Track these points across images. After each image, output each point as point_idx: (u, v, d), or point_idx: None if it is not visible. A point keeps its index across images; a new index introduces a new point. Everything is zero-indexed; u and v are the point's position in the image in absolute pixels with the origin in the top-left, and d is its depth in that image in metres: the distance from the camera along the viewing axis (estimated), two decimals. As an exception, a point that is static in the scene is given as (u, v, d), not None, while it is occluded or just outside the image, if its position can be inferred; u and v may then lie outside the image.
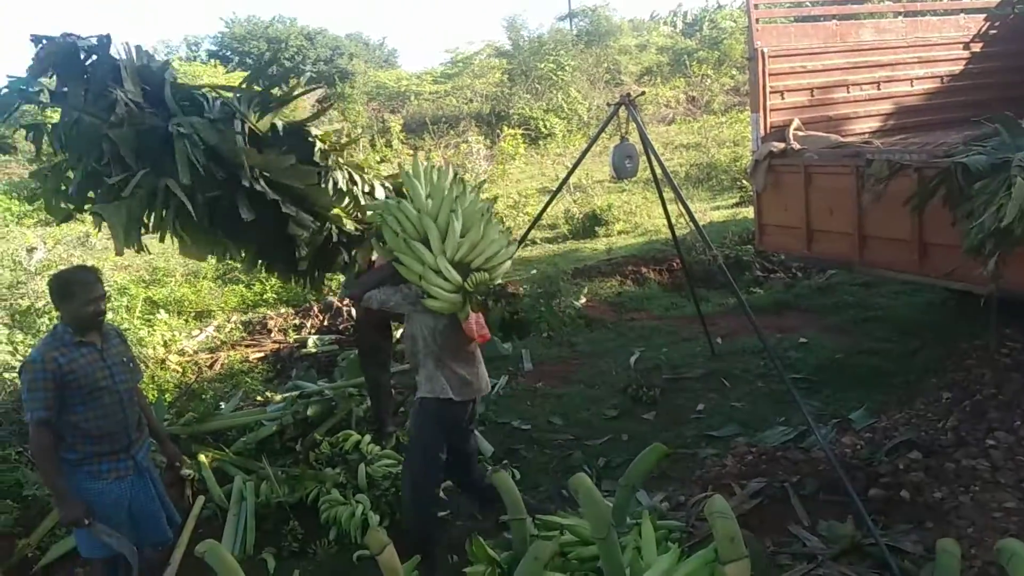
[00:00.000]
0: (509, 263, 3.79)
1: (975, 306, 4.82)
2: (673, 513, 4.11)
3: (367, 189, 4.57)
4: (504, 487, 3.30)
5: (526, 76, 23.52)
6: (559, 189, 6.31)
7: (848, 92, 7.37)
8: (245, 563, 3.99)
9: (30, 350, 3.36)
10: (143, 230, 3.92)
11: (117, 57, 3.88)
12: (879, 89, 7.49)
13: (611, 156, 6.09)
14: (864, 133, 7.34)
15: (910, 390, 5.55)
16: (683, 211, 5.50)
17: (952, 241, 4.71)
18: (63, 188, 4.02)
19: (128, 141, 3.63)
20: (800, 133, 6.74)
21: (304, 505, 4.62)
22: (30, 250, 8.41)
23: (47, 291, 3.50)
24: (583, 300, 8.55)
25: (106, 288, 7.14)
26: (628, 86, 22.53)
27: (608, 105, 6.22)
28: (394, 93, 26.17)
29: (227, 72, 25.49)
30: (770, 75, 6.81)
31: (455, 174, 3.78)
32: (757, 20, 6.76)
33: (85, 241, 12.19)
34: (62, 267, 5.49)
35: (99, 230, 4.15)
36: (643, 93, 6.80)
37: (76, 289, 3.32)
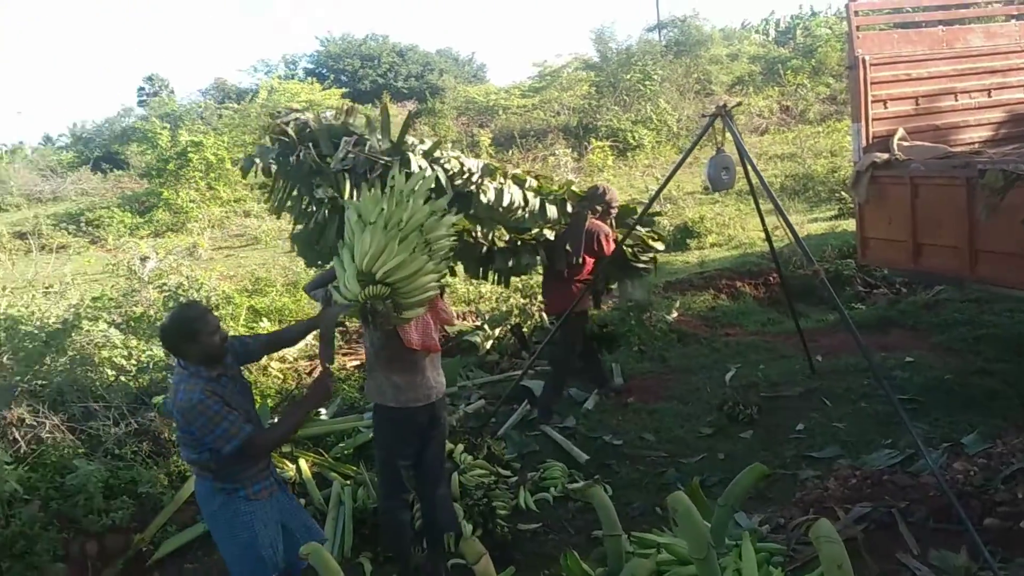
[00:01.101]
0: (428, 279, 3.65)
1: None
2: (773, 536, 4.00)
3: (522, 202, 5.34)
4: (599, 502, 3.28)
5: (614, 88, 23.42)
6: (652, 201, 6.24)
7: (956, 100, 7.05)
8: (343, 566, 4.10)
9: (178, 397, 3.24)
10: None
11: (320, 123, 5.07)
12: (990, 96, 7.14)
13: (706, 168, 5.98)
14: (974, 143, 7.01)
15: (1028, 414, 5.25)
16: (782, 223, 5.36)
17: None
18: (316, 245, 5.14)
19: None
20: (905, 143, 6.49)
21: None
22: (143, 259, 8.86)
23: (164, 340, 3.43)
24: (675, 314, 8.43)
25: (211, 295, 7.48)
26: (719, 96, 22.15)
27: (703, 116, 6.13)
28: (483, 107, 26.50)
29: (323, 89, 26.41)
30: (872, 84, 6.59)
31: (390, 188, 3.67)
32: (857, 27, 6.56)
33: (193, 251, 12.82)
34: (172, 308, 5.51)
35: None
36: (740, 103, 6.67)
37: (198, 326, 3.30)
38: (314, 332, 3.95)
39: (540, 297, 8.59)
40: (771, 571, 2.89)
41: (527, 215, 5.53)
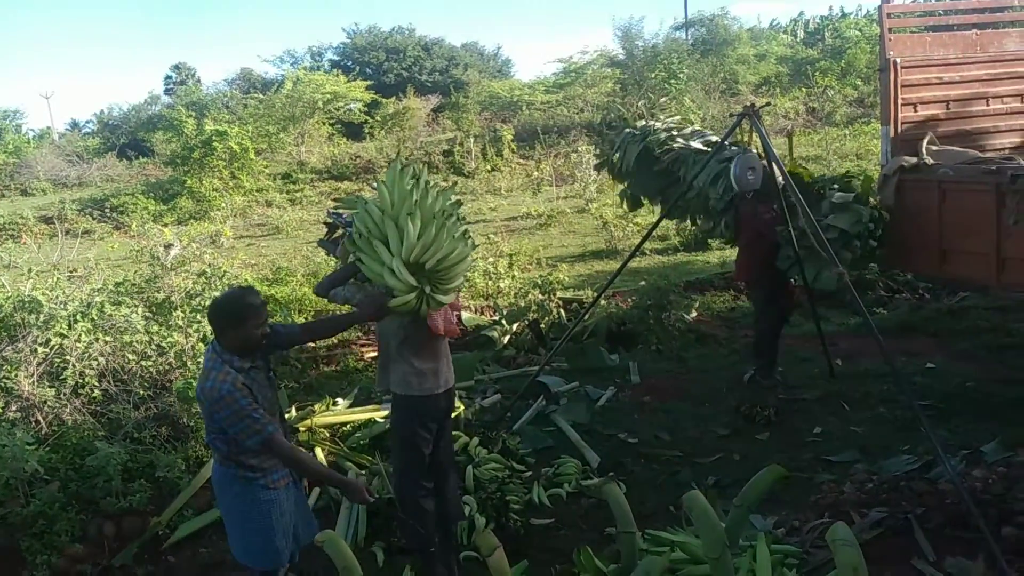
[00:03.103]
0: (466, 263, 3.79)
1: None
2: (787, 538, 3.98)
3: None
4: (614, 499, 3.27)
5: (639, 86, 23.34)
6: (675, 200, 6.22)
7: (988, 105, 6.96)
8: (356, 556, 4.12)
9: (207, 384, 3.23)
10: None
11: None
12: (1023, 102, 7.04)
13: (732, 167, 5.95)
14: (1004, 148, 6.91)
15: (1052, 425, 5.17)
16: (807, 225, 5.32)
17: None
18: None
19: None
20: (934, 147, 6.41)
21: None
22: (167, 247, 8.92)
23: (211, 315, 3.37)
24: (694, 314, 8.39)
25: (233, 283, 7.54)
26: (745, 96, 22.01)
27: (731, 116, 6.09)
28: (506, 103, 26.51)
29: (348, 81, 26.52)
30: (902, 86, 6.51)
31: (415, 175, 3.72)
32: (889, 29, 6.49)
33: (216, 239, 12.92)
34: (230, 287, 5.63)
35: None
36: (768, 104, 6.62)
37: (249, 313, 3.26)
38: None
39: (558, 294, 8.64)
40: (785, 573, 2.87)
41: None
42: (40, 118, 51.23)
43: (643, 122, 7.86)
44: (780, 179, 5.68)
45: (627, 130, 7.70)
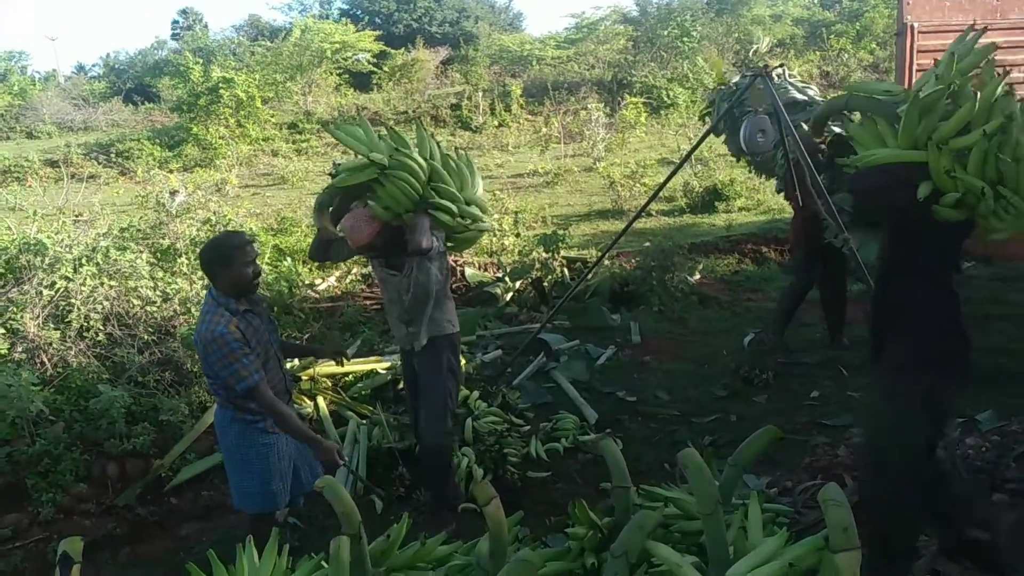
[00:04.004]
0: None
1: None
2: (779, 498, 4.03)
3: None
4: (610, 455, 3.31)
5: (652, 44, 23.00)
6: (684, 161, 6.18)
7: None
8: (356, 502, 4.20)
9: (202, 327, 3.32)
10: None
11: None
12: (1042, 71, 6.94)
13: (743, 129, 5.89)
14: (1021, 119, 6.82)
15: (1047, 395, 5.19)
16: (815, 189, 5.28)
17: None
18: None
19: None
20: (947, 115, 6.32)
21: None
22: (172, 193, 8.92)
23: (201, 261, 3.48)
24: (697, 276, 8.39)
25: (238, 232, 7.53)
26: (759, 57, 21.67)
27: (743, 76, 6.01)
28: (517, 57, 26.15)
29: (357, 31, 26.16)
30: (919, 52, 6.43)
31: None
32: (909, -8, 6.37)
33: (221, 187, 12.88)
34: (218, 231, 5.81)
35: None
36: (781, 65, 6.51)
37: (235, 254, 3.34)
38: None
39: (562, 252, 8.62)
40: (775, 531, 2.91)
41: None
42: (45, 61, 50.87)
43: (736, 79, 7.44)
44: (790, 143, 5.63)
45: (721, 87, 7.50)
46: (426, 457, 4.25)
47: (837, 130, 5.79)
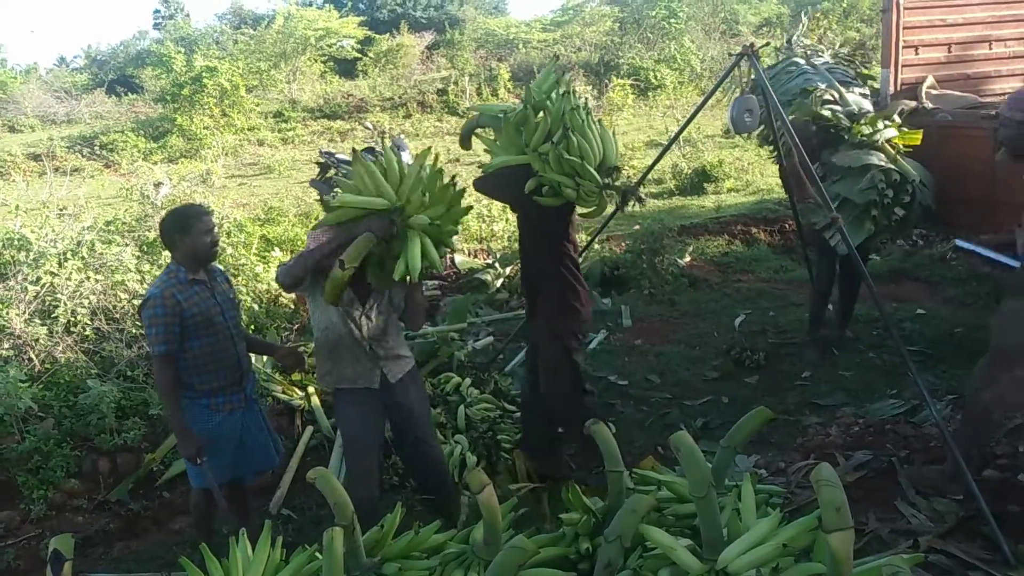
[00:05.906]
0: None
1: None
2: (772, 479, 4.05)
3: None
4: (602, 439, 3.30)
5: (638, 25, 22.92)
6: (672, 143, 6.13)
7: (990, 49, 6.85)
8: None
9: (148, 287, 3.48)
10: None
11: None
12: (1026, 46, 6.94)
13: (730, 110, 5.84)
14: (1005, 94, 6.82)
15: (1037, 370, 5.22)
16: (803, 169, 5.26)
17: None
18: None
19: None
20: (934, 92, 6.33)
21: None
22: (156, 185, 8.85)
23: (160, 231, 3.53)
24: (687, 259, 8.39)
25: (224, 222, 7.46)
26: (745, 37, 21.61)
27: (729, 55, 5.96)
28: (503, 41, 26.00)
29: (340, 17, 25.94)
30: (904, 28, 6.41)
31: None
32: (894, -32, 6.34)
33: (206, 178, 12.78)
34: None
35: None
36: (768, 44, 6.47)
37: (193, 222, 3.44)
38: None
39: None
40: (769, 512, 2.92)
41: None
42: (23, 54, 50.15)
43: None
44: (778, 123, 5.60)
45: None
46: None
47: (827, 114, 5.77)
